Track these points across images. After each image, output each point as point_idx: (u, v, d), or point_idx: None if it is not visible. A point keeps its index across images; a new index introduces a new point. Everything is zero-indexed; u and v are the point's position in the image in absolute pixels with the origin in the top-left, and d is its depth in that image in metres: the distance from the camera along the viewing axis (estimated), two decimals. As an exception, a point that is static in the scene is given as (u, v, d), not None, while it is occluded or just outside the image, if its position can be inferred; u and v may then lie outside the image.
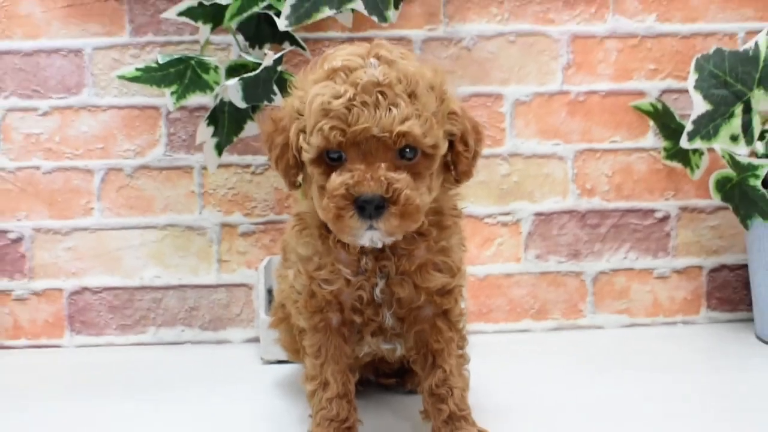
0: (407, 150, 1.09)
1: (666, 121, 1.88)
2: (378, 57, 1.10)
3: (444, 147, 1.14)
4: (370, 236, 1.10)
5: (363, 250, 1.18)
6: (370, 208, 1.06)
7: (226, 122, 1.74)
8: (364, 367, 1.43)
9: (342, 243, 1.18)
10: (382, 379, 1.51)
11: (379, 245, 1.14)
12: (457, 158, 1.16)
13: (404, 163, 1.09)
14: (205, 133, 1.73)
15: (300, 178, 1.19)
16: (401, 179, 1.07)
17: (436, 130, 1.11)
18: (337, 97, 1.07)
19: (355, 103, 1.06)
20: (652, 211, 1.95)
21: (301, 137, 1.12)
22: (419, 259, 1.19)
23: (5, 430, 1.38)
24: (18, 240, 1.88)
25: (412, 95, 1.08)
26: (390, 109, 1.06)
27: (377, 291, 1.20)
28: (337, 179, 1.08)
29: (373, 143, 1.07)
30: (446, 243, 1.21)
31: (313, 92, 1.10)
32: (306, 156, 1.12)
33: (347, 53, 1.11)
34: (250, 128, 1.76)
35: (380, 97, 1.06)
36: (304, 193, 1.20)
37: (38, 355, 1.85)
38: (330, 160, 1.10)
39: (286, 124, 1.16)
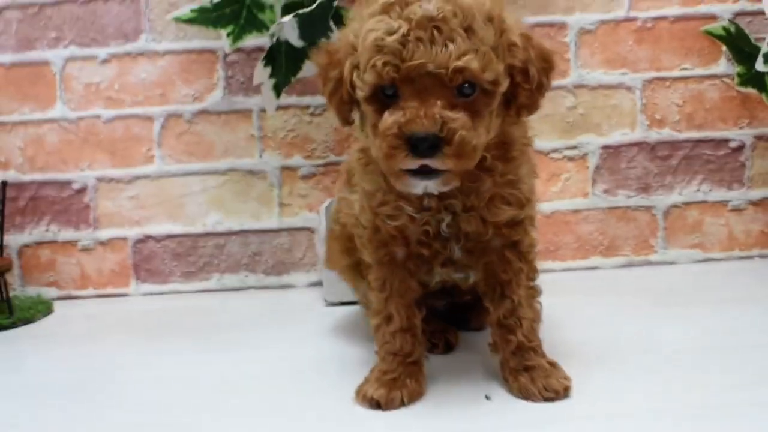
0: (465, 87, 1.05)
1: (740, 45, 1.79)
2: None
3: (505, 83, 1.09)
4: (425, 186, 1.07)
5: None
6: (423, 146, 1.02)
7: (284, 62, 1.71)
8: (438, 293, 1.38)
9: None
10: (455, 312, 1.46)
11: (435, 192, 1.11)
12: (516, 91, 1.11)
13: (462, 101, 1.05)
14: (262, 74, 1.71)
15: (356, 115, 1.16)
16: (457, 118, 1.03)
17: (496, 65, 1.06)
18: (391, 32, 1.03)
19: (409, 38, 1.02)
20: (726, 140, 1.87)
21: (354, 74, 1.09)
22: (486, 194, 1.15)
23: (80, 375, 1.39)
24: (82, 190, 1.89)
25: (468, 29, 1.03)
26: (446, 44, 1.02)
27: (444, 226, 1.17)
28: (389, 118, 1.04)
29: (428, 80, 1.03)
30: (514, 175, 1.17)
31: (367, 27, 1.06)
32: (360, 94, 1.08)
33: None
34: (308, 68, 1.73)
35: (435, 32, 1.02)
36: (362, 130, 1.17)
37: (106, 305, 1.86)
38: (385, 97, 1.06)
39: (341, 58, 1.12)
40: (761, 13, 1.70)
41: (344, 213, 1.34)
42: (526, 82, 1.10)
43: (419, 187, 1.08)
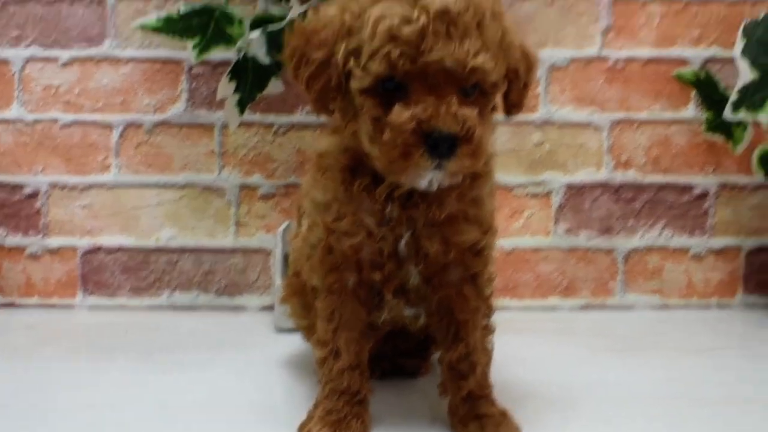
0: (473, 86, 1.01)
1: (709, 92, 1.79)
2: None
3: (504, 86, 1.07)
4: (433, 177, 1.02)
5: (389, 197, 1.09)
6: (443, 146, 0.98)
7: (250, 78, 1.68)
8: (382, 342, 1.34)
9: (367, 189, 1.09)
10: (401, 359, 1.41)
11: (435, 187, 1.04)
12: (509, 89, 1.08)
13: (466, 100, 1.01)
14: (226, 88, 1.67)
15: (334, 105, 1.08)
16: (474, 116, 1.00)
17: (501, 66, 1.03)
18: (409, 22, 0.97)
19: (428, 30, 0.97)
20: (690, 186, 1.86)
21: (351, 61, 1.03)
22: (450, 209, 1.10)
23: (12, 389, 1.33)
24: (33, 195, 1.83)
25: (480, 26, 1.00)
26: (462, 40, 0.98)
27: (402, 244, 1.12)
28: (405, 112, 0.99)
29: (442, 76, 0.99)
30: (478, 192, 1.13)
31: (375, 12, 1.00)
32: (358, 84, 1.02)
33: None
34: (274, 85, 1.70)
35: (451, 27, 0.98)
36: (341, 123, 1.10)
37: (49, 315, 1.81)
38: (384, 89, 1.01)
39: (327, 39, 1.05)
40: (731, 60, 1.69)
41: (295, 257, 1.30)
42: (516, 80, 1.08)
43: (426, 180, 1.03)
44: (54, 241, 1.84)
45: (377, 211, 1.11)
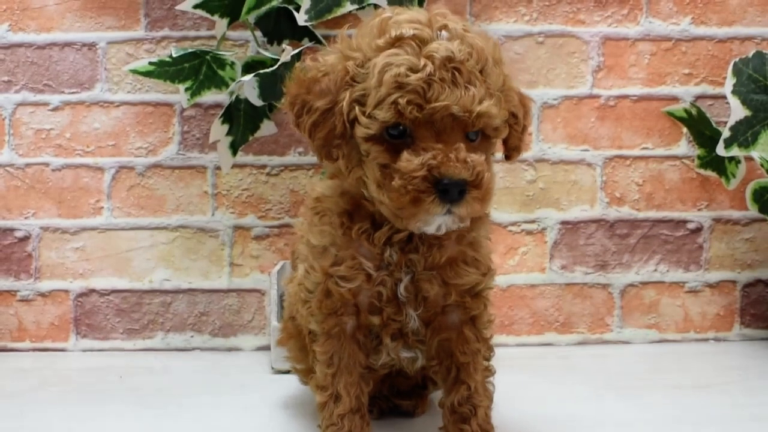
0: (477, 131, 1.03)
1: (701, 128, 1.80)
2: (446, 28, 1.03)
3: (506, 131, 1.08)
4: (442, 222, 1.03)
5: (388, 242, 1.10)
6: (454, 191, 0.99)
7: (242, 120, 1.69)
8: (379, 382, 1.34)
9: (366, 234, 1.10)
10: (398, 399, 1.40)
11: (443, 232, 1.06)
12: (509, 133, 1.10)
13: (471, 145, 1.03)
14: (219, 131, 1.68)
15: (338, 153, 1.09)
16: (482, 161, 1.02)
17: (503, 111, 1.05)
18: (415, 70, 0.99)
19: (434, 78, 0.99)
20: (684, 221, 1.87)
21: (357, 108, 1.04)
22: (449, 252, 1.12)
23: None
24: (25, 239, 1.82)
25: (483, 72, 1.02)
26: (467, 87, 1.00)
27: (401, 288, 1.12)
28: (414, 159, 1.00)
29: (449, 122, 1.01)
30: (476, 234, 1.14)
31: (381, 60, 1.01)
32: (363, 131, 1.03)
33: (410, 20, 1.04)
34: (267, 127, 1.71)
35: (457, 74, 1.00)
36: (344, 170, 1.10)
37: (42, 359, 1.79)
38: (390, 136, 1.02)
39: (329, 88, 1.06)
40: (722, 96, 1.71)
41: (291, 302, 1.29)
42: (516, 125, 1.10)
43: (435, 225, 1.03)
44: (46, 285, 1.83)
45: (376, 255, 1.11)
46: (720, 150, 1.67)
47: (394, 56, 1.01)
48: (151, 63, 1.60)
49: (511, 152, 1.14)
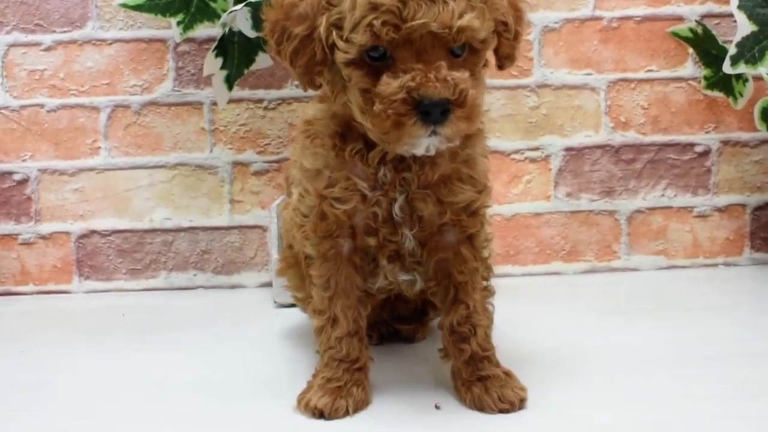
0: (461, 46, 1.00)
1: (707, 47, 1.75)
2: None
3: (494, 42, 1.05)
4: (429, 143, 1.01)
5: (382, 161, 1.08)
6: (436, 112, 0.97)
7: (236, 53, 1.65)
8: (379, 308, 1.33)
9: (359, 154, 1.08)
10: (398, 324, 1.39)
11: (432, 153, 1.03)
12: (498, 41, 1.06)
13: (455, 62, 1.00)
14: (213, 64, 1.64)
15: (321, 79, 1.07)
16: (465, 79, 0.98)
17: (488, 22, 1.01)
18: None
19: None
20: (692, 145, 1.83)
21: (334, 33, 1.01)
22: (443, 169, 1.09)
23: (13, 378, 1.31)
24: (23, 181, 1.80)
25: None
26: (446, 1, 0.96)
27: (396, 208, 1.10)
28: (393, 82, 0.97)
29: (428, 40, 0.97)
30: (471, 151, 1.11)
31: None
32: (342, 56, 1.00)
33: None
34: (262, 60, 1.67)
35: None
36: (330, 96, 1.08)
37: (46, 302, 1.78)
38: (370, 59, 1.00)
39: (307, 13, 1.03)
40: (729, 15, 1.66)
41: (287, 228, 1.27)
42: (506, 32, 1.06)
43: (423, 147, 1.01)
44: (47, 227, 1.81)
45: (370, 175, 1.09)
46: (726, 68, 1.62)
47: None
48: (141, -4, 1.57)
49: (503, 61, 1.10)
